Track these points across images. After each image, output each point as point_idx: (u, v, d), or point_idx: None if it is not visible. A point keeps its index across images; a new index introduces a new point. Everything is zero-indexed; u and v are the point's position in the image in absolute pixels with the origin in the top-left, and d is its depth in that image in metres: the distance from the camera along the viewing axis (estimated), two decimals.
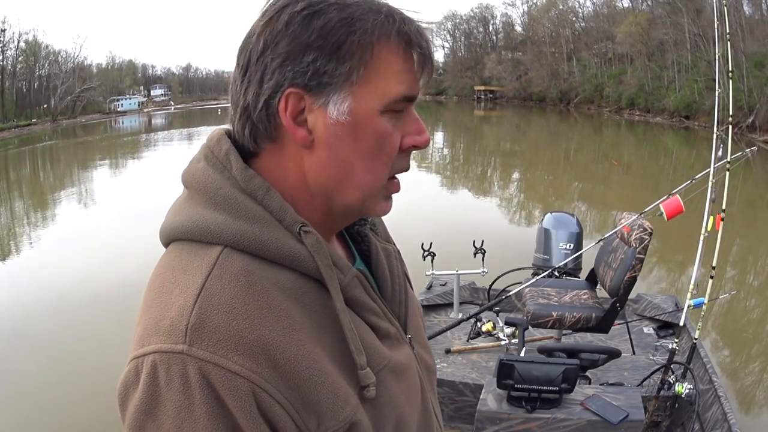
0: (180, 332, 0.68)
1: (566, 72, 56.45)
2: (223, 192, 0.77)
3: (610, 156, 23.07)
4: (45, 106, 58.68)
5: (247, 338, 0.69)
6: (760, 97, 25.91)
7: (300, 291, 0.76)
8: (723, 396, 3.29)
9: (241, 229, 0.75)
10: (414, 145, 0.82)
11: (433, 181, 16.83)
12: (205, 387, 0.66)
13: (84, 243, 10.14)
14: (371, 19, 0.75)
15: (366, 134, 0.77)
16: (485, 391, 3.01)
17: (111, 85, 77.63)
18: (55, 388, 4.96)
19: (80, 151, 32.17)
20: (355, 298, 0.82)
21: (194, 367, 0.66)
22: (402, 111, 0.79)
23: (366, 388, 0.78)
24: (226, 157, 0.80)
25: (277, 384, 0.69)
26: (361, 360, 0.77)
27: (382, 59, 0.76)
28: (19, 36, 57.41)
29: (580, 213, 11.42)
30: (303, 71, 0.74)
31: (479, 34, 79.21)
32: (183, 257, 0.76)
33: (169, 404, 0.67)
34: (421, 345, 1.00)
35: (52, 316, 6.61)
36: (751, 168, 14.69)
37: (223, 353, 0.67)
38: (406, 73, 0.77)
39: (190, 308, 0.69)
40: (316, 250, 0.76)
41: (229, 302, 0.70)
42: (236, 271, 0.73)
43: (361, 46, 0.74)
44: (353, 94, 0.76)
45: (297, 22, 0.74)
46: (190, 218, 0.78)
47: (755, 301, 7.13)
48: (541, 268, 4.64)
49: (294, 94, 0.75)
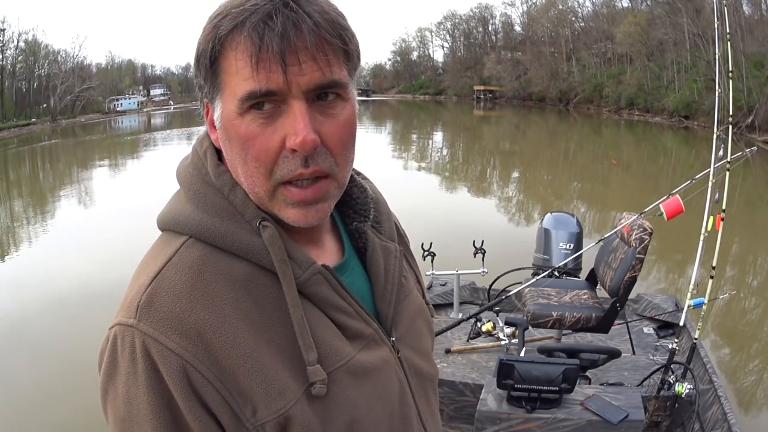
0: (134, 308, 0.76)
1: (565, 72, 56.44)
2: (195, 187, 0.84)
3: (609, 156, 23.08)
4: (44, 106, 58.62)
5: (186, 320, 0.74)
6: (759, 97, 25.89)
7: (254, 283, 0.80)
8: (723, 396, 3.29)
9: (203, 221, 0.81)
10: (290, 147, 0.75)
11: (433, 181, 16.84)
12: (146, 358, 0.74)
13: (83, 242, 10.15)
14: (216, 23, 0.76)
15: (232, 138, 0.78)
16: (485, 391, 3.01)
17: (110, 85, 77.53)
18: (53, 387, 4.96)
19: (80, 150, 32.18)
20: (319, 294, 0.83)
21: (139, 340, 0.74)
22: (279, 109, 0.76)
23: (313, 384, 0.78)
24: (205, 155, 0.86)
25: (211, 366, 0.74)
26: (309, 356, 0.78)
27: (226, 61, 0.76)
28: (19, 35, 57.46)
29: (579, 213, 11.42)
30: (198, 85, 0.82)
31: (478, 34, 79.21)
32: (159, 245, 0.84)
33: (122, 370, 0.75)
34: (415, 349, 0.98)
35: (51, 315, 6.62)
36: (750, 168, 14.69)
37: (163, 330, 0.74)
38: (246, 68, 0.74)
39: (144, 288, 0.77)
40: (271, 244, 0.79)
41: (177, 287, 0.77)
42: (192, 260, 0.79)
43: (208, 54, 0.77)
44: (221, 101, 0.79)
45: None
46: (169, 210, 0.86)
47: (755, 301, 7.14)
48: (541, 268, 4.63)
49: (207, 103, 0.83)
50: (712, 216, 3.42)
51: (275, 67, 0.73)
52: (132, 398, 0.74)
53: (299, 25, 0.73)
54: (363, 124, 46.56)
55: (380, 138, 33.04)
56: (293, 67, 0.74)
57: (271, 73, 0.73)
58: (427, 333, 1.05)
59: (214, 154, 0.85)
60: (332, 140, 0.79)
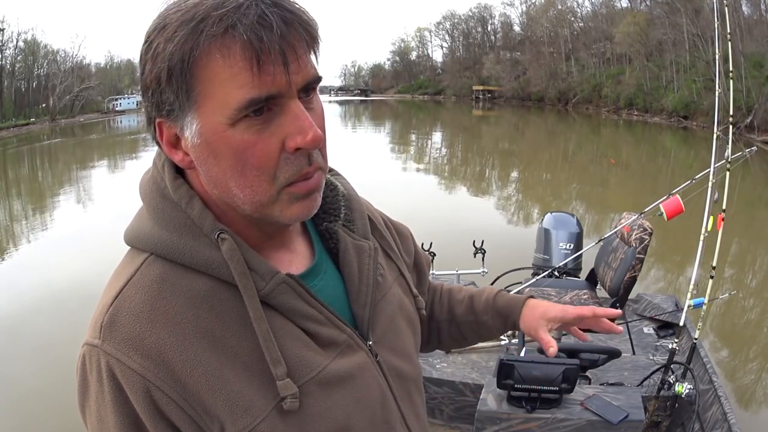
0: (98, 328, 0.76)
1: (564, 72, 56.51)
2: (154, 202, 0.82)
3: (608, 155, 23.08)
4: (43, 106, 58.50)
5: (146, 341, 0.74)
6: (758, 97, 25.93)
7: (216, 298, 0.78)
8: (723, 396, 3.29)
9: (162, 238, 0.79)
10: (297, 146, 0.73)
11: (433, 181, 16.83)
12: (111, 378, 0.74)
13: (82, 243, 10.11)
14: (181, 33, 0.69)
15: (222, 152, 0.74)
16: (485, 391, 3.01)
17: (109, 85, 77.37)
18: (52, 388, 4.94)
19: (78, 150, 32.13)
20: (285, 304, 0.80)
21: (104, 360, 0.74)
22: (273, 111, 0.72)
23: (284, 399, 0.76)
24: (162, 168, 0.83)
25: (174, 385, 0.73)
26: (278, 370, 0.76)
27: (208, 70, 0.70)
28: (18, 35, 57.27)
29: (579, 213, 11.42)
30: (154, 104, 0.75)
31: (477, 34, 79.31)
32: (123, 262, 0.83)
33: (92, 389, 0.76)
34: (394, 350, 0.94)
35: (49, 316, 6.60)
36: (749, 168, 14.71)
37: (125, 351, 0.73)
38: (243, 73, 0.69)
39: (107, 308, 0.77)
40: (230, 257, 0.77)
41: (137, 306, 0.76)
42: (152, 279, 0.78)
43: (178, 69, 0.70)
44: (199, 114, 0.73)
45: (141, 57, 0.75)
46: (132, 227, 0.84)
47: (755, 301, 7.13)
48: (541, 268, 4.63)
49: (161, 123, 0.77)
50: (713, 216, 3.42)
51: (278, 69, 0.70)
52: (102, 417, 0.76)
53: (289, 22, 0.70)
54: (362, 123, 46.67)
55: (379, 138, 33.05)
56: (293, 65, 0.71)
57: (274, 76, 0.70)
58: (408, 331, 1.00)
59: (171, 167, 0.82)
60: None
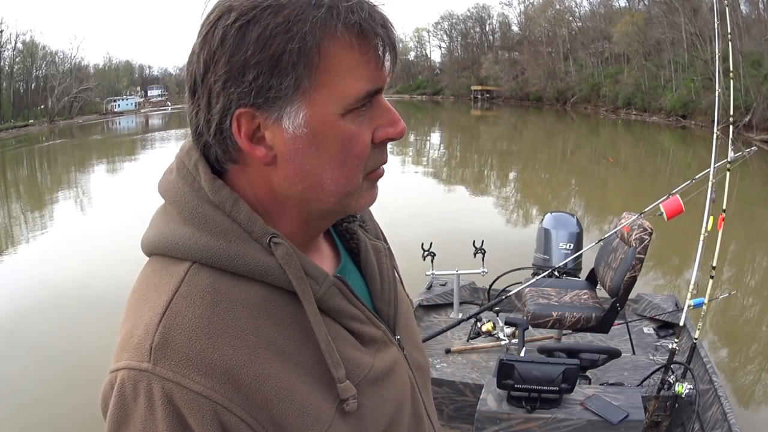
0: (145, 350, 0.68)
1: (563, 72, 56.44)
2: (191, 205, 0.75)
3: (607, 155, 23.10)
4: (42, 107, 58.58)
5: (209, 358, 0.68)
6: (756, 96, 25.93)
7: (271, 305, 0.74)
8: (723, 396, 3.30)
9: (208, 245, 0.73)
10: (388, 138, 0.76)
11: (433, 181, 16.86)
12: (168, 405, 0.66)
13: (80, 244, 10.11)
14: (311, 17, 0.68)
15: (328, 142, 0.73)
16: (485, 391, 3.01)
17: (108, 86, 77.45)
18: (50, 389, 4.95)
19: (77, 152, 32.13)
20: (334, 307, 0.79)
21: (158, 386, 0.67)
22: (368, 104, 0.74)
23: (346, 401, 0.75)
24: (195, 168, 0.77)
25: (242, 403, 0.68)
26: (339, 374, 0.75)
27: (333, 58, 0.70)
28: (17, 37, 57.42)
29: (579, 213, 11.42)
30: (247, 91, 0.70)
31: (476, 34, 79.18)
32: (156, 273, 0.76)
33: (136, 419, 0.68)
34: (413, 345, 0.97)
35: (47, 317, 6.60)
36: (748, 167, 14.71)
37: (185, 373, 0.67)
38: (363, 66, 0.71)
39: (155, 327, 0.69)
40: (287, 262, 0.73)
41: (193, 322, 0.69)
42: (202, 289, 0.72)
43: (303, 52, 0.68)
44: (307, 103, 0.71)
45: (231, 36, 0.69)
46: (161, 233, 0.77)
47: (755, 300, 7.14)
48: (541, 268, 4.63)
49: (245, 114, 0.71)
50: (713, 216, 3.42)
51: (392, 65, 0.74)
52: None
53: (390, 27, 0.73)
54: None
55: None
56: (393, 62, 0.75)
57: (385, 72, 0.73)
58: (415, 326, 1.04)
59: (207, 167, 0.77)
60: None
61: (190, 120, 0.77)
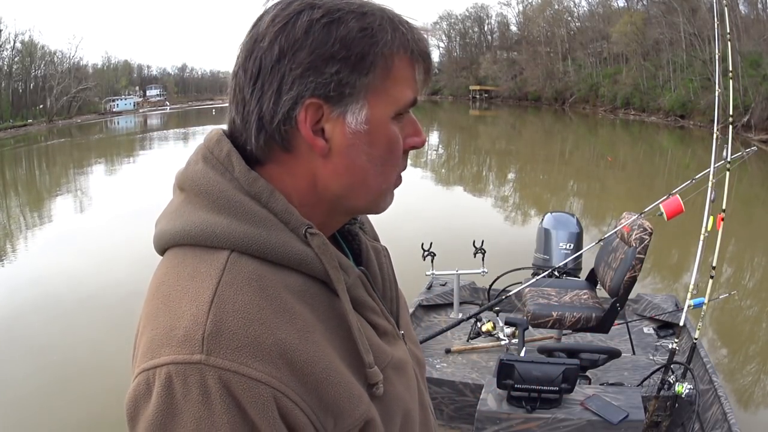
0: (196, 341, 0.66)
1: (561, 72, 56.48)
2: (226, 195, 0.75)
3: (605, 155, 23.10)
4: (41, 107, 58.49)
5: (264, 343, 0.68)
6: (755, 96, 25.97)
7: (308, 293, 0.76)
8: (723, 396, 3.30)
9: (248, 233, 0.73)
10: (413, 146, 0.85)
11: (433, 181, 16.87)
12: (226, 396, 0.65)
13: (78, 244, 10.11)
14: (389, 29, 0.77)
15: (380, 141, 0.79)
16: (485, 391, 3.02)
17: (107, 86, 77.39)
18: (47, 390, 4.94)
19: (76, 151, 32.09)
20: (359, 298, 0.83)
21: (214, 377, 0.65)
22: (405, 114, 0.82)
23: (375, 385, 0.79)
24: (228, 159, 0.78)
25: (296, 387, 0.69)
26: (369, 358, 0.78)
27: (398, 68, 0.78)
28: (15, 36, 57.27)
29: (579, 213, 11.43)
30: (325, 82, 0.73)
31: (474, 34, 79.17)
32: (188, 263, 0.74)
33: (187, 416, 0.65)
34: (412, 340, 1.01)
35: (45, 317, 6.59)
36: (746, 167, 14.71)
37: (243, 360, 0.66)
38: (415, 79, 0.81)
39: (204, 316, 0.67)
40: (323, 252, 0.76)
41: (244, 308, 0.69)
42: (247, 276, 0.71)
43: (383, 57, 0.76)
44: (369, 103, 0.77)
45: (317, 30, 0.73)
46: (192, 222, 0.75)
47: (755, 300, 7.15)
48: (541, 268, 4.63)
49: (314, 104, 0.74)
50: (712, 216, 3.42)
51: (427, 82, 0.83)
52: None
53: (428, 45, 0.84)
54: None
55: None
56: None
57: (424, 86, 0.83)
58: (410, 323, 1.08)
59: (240, 158, 0.77)
60: None
61: (241, 106, 0.77)
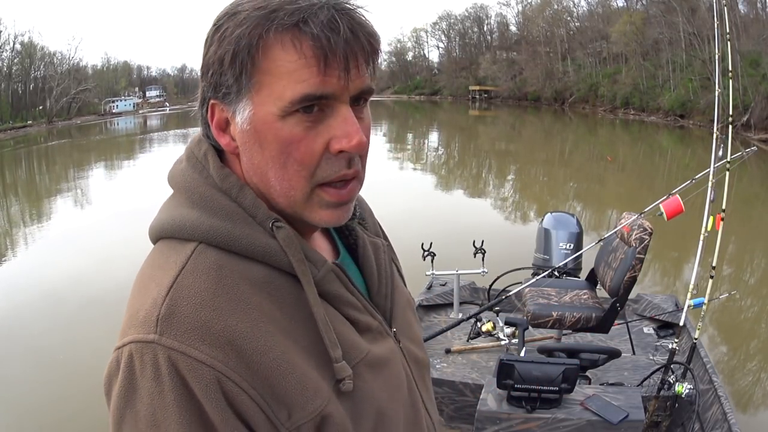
0: (152, 323, 0.71)
1: (561, 72, 56.49)
2: (199, 190, 0.81)
3: (605, 155, 23.10)
4: (40, 108, 58.56)
5: (213, 328, 0.71)
6: (754, 95, 25.95)
7: (272, 285, 0.78)
8: (723, 396, 3.29)
9: (214, 226, 0.78)
10: (339, 149, 0.76)
11: (433, 182, 16.86)
12: (174, 374, 0.69)
13: (78, 244, 10.12)
14: (253, 20, 0.73)
15: (268, 141, 0.76)
16: (485, 391, 3.01)
17: (106, 87, 77.41)
18: (47, 388, 4.94)
19: (75, 152, 32.09)
20: (332, 292, 0.83)
21: (164, 356, 0.69)
22: (324, 112, 0.76)
23: (341, 381, 0.78)
24: (204, 157, 0.83)
25: (244, 374, 0.71)
26: (335, 353, 0.78)
27: (271, 60, 0.73)
28: (15, 38, 57.38)
29: (578, 213, 11.42)
30: (211, 84, 0.77)
31: (474, 34, 79.22)
32: (163, 254, 0.80)
33: (143, 392, 0.70)
34: (410, 338, 1.00)
35: (45, 316, 6.60)
36: (746, 167, 14.71)
37: (190, 342, 0.70)
38: (306, 70, 0.73)
39: (162, 299, 0.72)
40: (288, 245, 0.78)
41: (199, 294, 0.73)
42: (208, 265, 0.76)
43: (246, 53, 0.73)
44: (253, 102, 0.75)
45: (207, 39, 0.77)
46: (170, 216, 0.81)
47: (755, 300, 7.14)
48: (541, 268, 4.63)
49: (215, 105, 0.79)
50: (712, 216, 3.42)
51: (339, 72, 0.73)
52: (159, 421, 0.69)
53: (356, 32, 0.74)
54: None
55: (376, 138, 33.06)
56: (353, 71, 0.74)
57: (333, 78, 0.73)
58: (415, 322, 1.06)
59: (215, 156, 0.83)
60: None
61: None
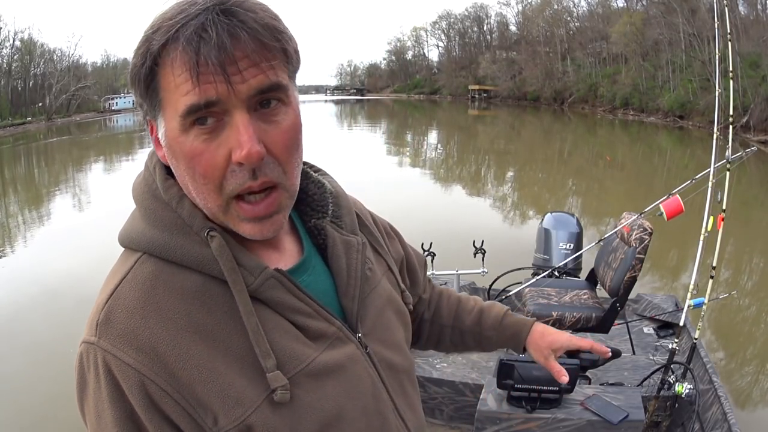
0: (94, 326, 0.78)
1: (560, 71, 56.60)
2: (146, 203, 0.85)
3: (604, 155, 23.11)
4: (40, 105, 58.47)
5: (140, 335, 0.76)
6: (754, 96, 25.97)
7: (207, 294, 0.81)
8: (723, 396, 3.29)
9: (154, 237, 0.82)
10: (237, 161, 0.75)
11: (432, 181, 16.83)
12: (108, 374, 0.76)
13: (77, 242, 10.08)
14: (144, 41, 0.75)
15: (177, 155, 0.78)
16: (485, 391, 3.02)
17: (106, 84, 77.13)
18: (46, 387, 4.93)
19: (75, 149, 32.06)
20: (275, 298, 0.83)
21: (101, 357, 0.76)
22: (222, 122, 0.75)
23: (275, 391, 0.78)
24: (154, 170, 0.87)
25: (168, 378, 0.76)
26: (267, 363, 0.79)
27: (164, 77, 0.75)
28: (15, 34, 57.22)
29: (578, 212, 11.42)
30: (138, 103, 0.82)
31: (474, 34, 79.36)
32: (118, 262, 0.86)
33: (90, 386, 0.79)
34: (384, 342, 0.97)
35: (44, 315, 6.58)
36: (745, 167, 14.72)
37: (120, 346, 0.76)
38: (186, 83, 0.73)
39: (103, 305, 0.79)
40: (220, 254, 0.80)
41: (131, 303, 0.78)
42: (145, 276, 0.80)
43: (142, 73, 0.76)
44: (165, 118, 0.78)
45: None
46: (125, 228, 0.87)
47: (755, 300, 7.14)
48: (541, 268, 4.63)
49: (150, 120, 0.83)
50: (713, 216, 3.42)
51: (216, 78, 0.72)
52: (100, 413, 0.77)
53: (236, 33, 0.72)
54: (358, 123, 46.67)
55: (376, 138, 33.06)
56: (234, 76, 0.72)
57: (211, 84, 0.72)
58: (398, 324, 1.03)
59: (162, 169, 0.86)
60: (278, 148, 0.78)
61: None
